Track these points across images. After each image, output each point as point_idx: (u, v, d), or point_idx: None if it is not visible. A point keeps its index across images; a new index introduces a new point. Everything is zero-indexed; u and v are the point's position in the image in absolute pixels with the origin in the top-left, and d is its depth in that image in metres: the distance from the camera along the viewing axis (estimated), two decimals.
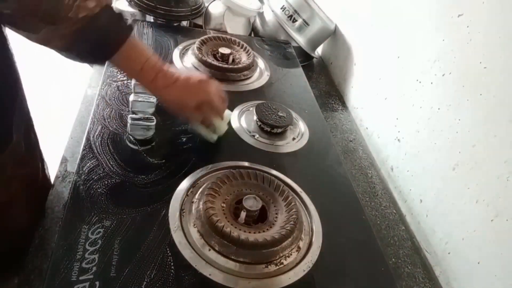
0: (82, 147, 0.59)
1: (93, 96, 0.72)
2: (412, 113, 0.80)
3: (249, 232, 0.52)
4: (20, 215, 0.59)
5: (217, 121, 0.64)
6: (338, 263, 0.53)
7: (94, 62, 0.56)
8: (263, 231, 0.53)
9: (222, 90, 0.63)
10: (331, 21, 1.16)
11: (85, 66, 1.22)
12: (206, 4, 1.09)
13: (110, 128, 0.63)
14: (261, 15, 1.14)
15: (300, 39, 1.10)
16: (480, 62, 0.64)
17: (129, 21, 0.52)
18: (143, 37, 0.87)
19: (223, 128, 0.66)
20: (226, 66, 0.83)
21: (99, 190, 0.53)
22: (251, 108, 0.76)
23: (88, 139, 0.60)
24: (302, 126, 0.77)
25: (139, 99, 0.64)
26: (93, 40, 0.48)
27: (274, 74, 0.91)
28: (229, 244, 0.49)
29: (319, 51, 1.28)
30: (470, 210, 0.64)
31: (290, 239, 0.52)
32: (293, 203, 0.56)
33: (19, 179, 0.57)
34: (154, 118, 0.62)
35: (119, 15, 0.50)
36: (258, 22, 1.15)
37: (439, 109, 0.73)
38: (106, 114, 0.65)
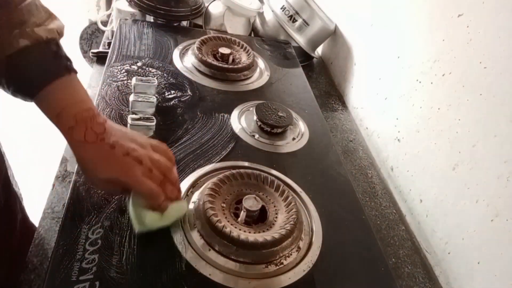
0: None
1: (93, 96, 0.71)
2: (412, 113, 0.80)
3: (249, 232, 0.52)
4: None
5: (146, 211, 0.47)
6: (338, 263, 0.53)
7: (20, 96, 0.46)
8: (263, 231, 0.53)
9: (171, 177, 0.49)
10: (331, 21, 1.16)
11: (84, 66, 1.22)
12: (206, 4, 1.09)
13: None
14: (261, 15, 1.14)
15: (300, 39, 1.10)
16: (480, 62, 0.64)
17: (72, 67, 0.46)
18: (143, 37, 0.87)
19: (156, 221, 0.48)
20: (226, 66, 0.83)
21: (99, 190, 0.53)
22: (251, 108, 0.76)
23: None
24: (302, 126, 0.77)
25: (139, 99, 0.64)
26: (17, 76, 0.43)
27: (274, 74, 0.91)
28: (229, 244, 0.49)
29: (319, 51, 1.28)
30: (470, 210, 0.64)
31: (290, 239, 0.52)
32: (293, 203, 0.56)
33: None
34: (154, 118, 0.62)
35: (59, 53, 0.45)
36: (258, 22, 1.15)
37: (439, 109, 0.73)
38: (106, 114, 0.65)
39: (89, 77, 0.86)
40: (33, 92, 0.44)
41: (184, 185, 0.57)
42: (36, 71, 0.44)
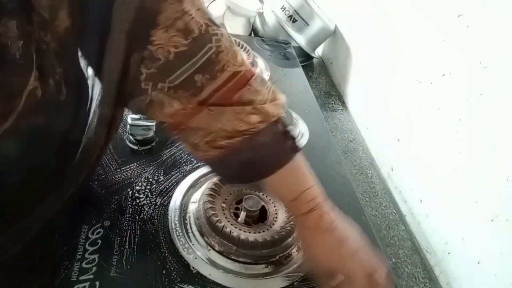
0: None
1: None
2: (412, 113, 0.80)
3: (249, 232, 0.52)
4: None
5: None
6: None
7: (241, 182, 0.48)
8: (263, 231, 0.53)
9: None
10: (331, 21, 1.16)
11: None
12: (206, 4, 1.09)
13: None
14: (261, 15, 1.14)
15: (300, 39, 1.10)
16: (480, 62, 0.64)
17: (296, 141, 0.45)
18: None
19: None
20: None
21: (99, 190, 0.53)
22: None
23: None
24: (302, 126, 0.77)
25: None
26: (246, 158, 0.42)
27: (274, 74, 0.91)
28: (229, 244, 0.49)
29: (319, 51, 1.28)
30: (470, 210, 0.64)
31: (290, 239, 0.52)
32: None
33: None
34: None
35: (286, 133, 0.44)
36: (258, 22, 1.15)
37: (439, 109, 0.73)
38: None
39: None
40: (263, 176, 0.43)
41: (184, 185, 0.57)
42: (269, 153, 0.42)
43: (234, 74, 0.40)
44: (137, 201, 0.53)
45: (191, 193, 0.57)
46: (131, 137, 0.61)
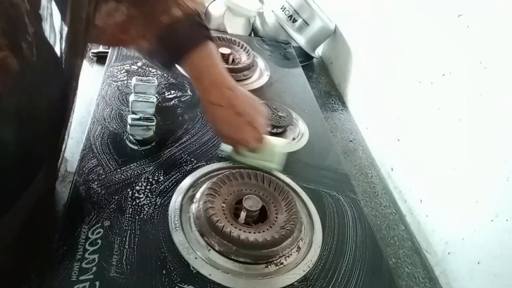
0: (82, 147, 0.59)
1: (93, 96, 0.71)
2: (412, 113, 0.80)
3: (249, 232, 0.52)
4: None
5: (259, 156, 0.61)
6: (338, 263, 0.53)
7: (166, 65, 0.58)
8: (263, 231, 0.53)
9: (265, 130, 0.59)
10: (331, 21, 1.16)
11: (84, 66, 1.22)
12: (206, 4, 1.09)
13: (110, 128, 0.63)
14: (261, 15, 1.14)
15: (300, 39, 1.10)
16: (480, 62, 0.64)
17: (210, 34, 0.55)
18: None
19: (268, 158, 0.62)
20: (226, 66, 0.83)
21: (99, 190, 0.53)
22: None
23: (88, 139, 0.60)
24: (302, 126, 0.77)
25: (139, 99, 0.64)
26: (171, 45, 0.53)
27: (274, 74, 0.91)
28: (229, 244, 0.49)
29: (319, 51, 1.27)
30: (470, 210, 0.64)
31: (290, 239, 0.52)
32: (293, 203, 0.56)
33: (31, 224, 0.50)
34: (154, 118, 0.62)
35: (202, 23, 0.54)
36: (258, 22, 1.15)
37: (439, 109, 0.73)
38: (106, 114, 0.65)
39: (89, 77, 0.86)
40: (180, 56, 0.54)
41: (184, 185, 0.57)
42: (185, 38, 0.52)
43: None
44: (137, 201, 0.53)
45: (191, 193, 0.57)
46: (131, 137, 0.61)
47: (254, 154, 0.60)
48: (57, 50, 0.38)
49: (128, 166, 0.57)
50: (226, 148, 0.63)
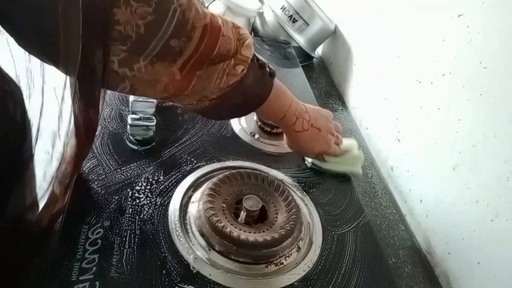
0: None
1: None
2: (412, 113, 0.80)
3: (249, 232, 0.52)
4: None
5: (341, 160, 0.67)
6: (338, 263, 0.53)
7: (234, 117, 0.59)
8: (263, 231, 0.53)
9: (339, 134, 0.66)
10: (331, 21, 1.16)
11: None
12: (206, 4, 1.09)
13: (110, 128, 0.63)
14: (261, 15, 1.14)
15: (300, 39, 1.10)
16: (480, 62, 0.64)
17: (272, 68, 0.52)
18: None
19: (350, 163, 0.68)
20: None
21: (99, 190, 0.53)
22: None
23: None
24: None
25: (139, 99, 0.64)
26: (239, 101, 0.49)
27: None
28: (229, 244, 0.49)
29: (319, 51, 1.28)
30: (470, 210, 0.64)
31: (290, 239, 0.52)
32: (293, 203, 0.56)
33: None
34: (154, 118, 0.62)
35: (262, 67, 0.50)
36: (258, 22, 1.15)
37: (439, 109, 0.73)
38: (106, 114, 0.65)
39: None
40: (255, 108, 0.52)
41: (184, 185, 0.57)
42: (257, 90, 0.50)
43: (204, 28, 0.40)
44: (137, 201, 0.53)
45: (191, 193, 0.57)
46: (131, 137, 0.61)
47: (337, 159, 0.66)
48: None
49: (128, 166, 0.57)
50: (310, 159, 0.67)
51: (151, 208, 0.53)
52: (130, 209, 0.52)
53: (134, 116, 0.62)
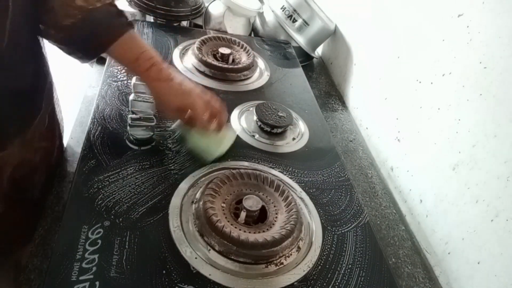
0: (82, 147, 0.59)
1: (93, 96, 0.72)
2: (412, 113, 0.80)
3: (249, 232, 0.52)
4: (39, 181, 0.65)
5: (206, 139, 0.61)
6: (338, 263, 0.53)
7: (88, 54, 0.57)
8: (263, 231, 0.53)
9: (219, 108, 0.61)
10: (331, 21, 1.16)
11: (84, 66, 1.22)
12: (206, 4, 1.09)
13: (110, 128, 0.63)
14: (261, 15, 1.14)
15: (300, 39, 1.10)
16: (480, 62, 0.64)
17: (130, 19, 0.57)
18: (143, 37, 0.87)
19: (215, 149, 0.62)
20: (226, 66, 0.83)
21: (99, 190, 0.53)
22: (251, 108, 0.76)
23: (88, 139, 0.60)
24: (302, 126, 0.77)
25: (139, 99, 0.64)
26: (89, 33, 0.53)
27: (274, 74, 0.91)
28: (229, 244, 0.49)
29: (319, 51, 1.28)
30: (470, 210, 0.64)
31: (290, 239, 0.52)
32: (293, 203, 0.56)
33: (41, 152, 0.63)
34: (154, 118, 0.62)
35: (120, 12, 0.55)
36: (258, 22, 1.15)
37: (439, 109, 0.73)
38: (106, 114, 0.65)
39: (89, 77, 0.86)
40: (104, 46, 0.55)
41: (184, 185, 0.57)
42: (108, 27, 0.54)
43: None
44: (137, 200, 0.53)
45: (191, 193, 0.57)
46: (131, 137, 0.61)
47: (202, 136, 0.61)
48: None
49: (128, 166, 0.57)
50: (176, 125, 0.66)
51: (151, 208, 0.53)
52: (130, 209, 0.52)
53: (134, 116, 0.62)
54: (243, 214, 0.54)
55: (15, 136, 0.56)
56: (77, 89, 0.88)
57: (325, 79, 1.15)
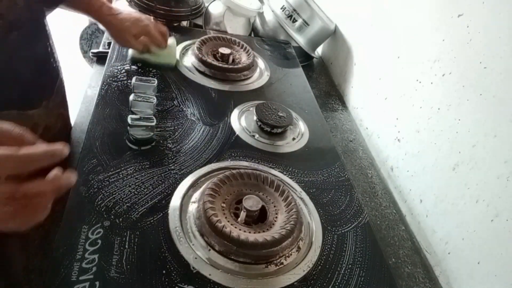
0: (82, 147, 0.59)
1: (93, 96, 0.72)
2: (412, 113, 0.80)
3: (249, 232, 0.52)
4: None
5: (158, 50, 0.79)
6: (338, 263, 0.53)
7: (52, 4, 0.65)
8: (263, 231, 0.53)
9: (160, 25, 0.79)
10: (331, 21, 1.16)
11: (85, 66, 1.22)
12: (206, 4, 1.09)
13: (110, 128, 0.63)
14: (261, 15, 1.14)
15: (300, 39, 1.10)
16: (480, 62, 0.64)
17: None
18: None
19: (168, 56, 0.80)
20: (226, 66, 0.83)
21: (99, 190, 0.53)
22: (251, 108, 0.76)
23: (88, 139, 0.60)
24: (302, 126, 0.77)
25: (139, 99, 0.64)
26: None
27: (274, 74, 0.91)
28: (229, 244, 0.49)
29: (319, 51, 1.28)
30: (470, 210, 0.64)
31: (290, 239, 0.52)
32: (293, 203, 0.56)
33: (61, 119, 0.70)
34: (154, 118, 0.62)
35: None
36: (258, 22, 1.15)
37: (439, 109, 0.73)
38: (106, 114, 0.65)
39: (89, 77, 0.86)
40: None
41: (184, 185, 0.57)
42: None
43: None
44: (137, 200, 0.53)
45: (191, 193, 0.57)
46: (131, 137, 0.61)
47: (154, 54, 0.78)
48: None
49: (128, 166, 0.57)
50: (132, 52, 0.78)
51: (151, 208, 0.53)
52: (130, 209, 0.52)
53: (134, 116, 0.62)
54: (243, 214, 0.54)
55: (42, 99, 0.63)
56: (77, 89, 0.88)
57: (325, 79, 1.15)
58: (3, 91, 0.56)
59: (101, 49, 0.97)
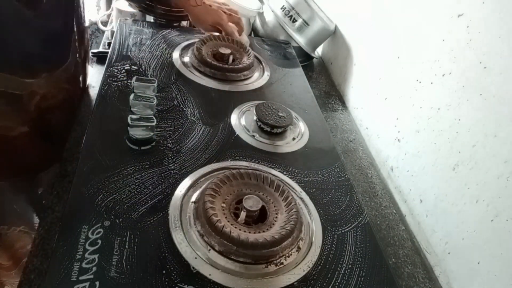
0: (82, 147, 0.59)
1: (93, 96, 0.72)
2: (412, 113, 0.80)
3: (249, 232, 0.52)
4: (60, 119, 0.75)
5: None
6: (338, 263, 0.53)
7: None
8: (263, 231, 0.53)
9: (234, 16, 0.93)
10: (331, 21, 1.16)
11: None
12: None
13: (110, 128, 0.63)
14: (261, 15, 1.14)
15: (300, 39, 1.10)
16: (480, 62, 0.64)
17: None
18: (143, 37, 0.87)
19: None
20: (226, 66, 0.83)
21: (99, 190, 0.53)
22: (251, 108, 0.76)
23: (88, 139, 0.60)
24: (302, 126, 0.77)
25: (139, 99, 0.64)
26: None
27: (274, 74, 0.91)
28: (229, 244, 0.49)
29: (319, 51, 1.28)
30: (470, 210, 0.64)
31: (290, 239, 0.52)
32: (293, 203, 0.56)
33: (64, 92, 0.73)
34: (154, 118, 0.62)
35: None
36: (258, 22, 1.15)
37: (439, 109, 0.73)
38: (106, 114, 0.65)
39: (89, 77, 0.86)
40: None
41: (184, 185, 0.57)
42: None
43: None
44: (137, 200, 0.53)
45: (191, 193, 0.57)
46: (131, 137, 0.61)
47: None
48: None
49: (128, 166, 0.57)
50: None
51: (151, 208, 0.53)
52: (130, 209, 0.52)
53: (134, 116, 0.62)
54: (243, 214, 0.54)
55: (42, 72, 0.66)
56: None
57: (325, 79, 1.15)
58: (4, 51, 0.59)
59: (101, 49, 0.97)
